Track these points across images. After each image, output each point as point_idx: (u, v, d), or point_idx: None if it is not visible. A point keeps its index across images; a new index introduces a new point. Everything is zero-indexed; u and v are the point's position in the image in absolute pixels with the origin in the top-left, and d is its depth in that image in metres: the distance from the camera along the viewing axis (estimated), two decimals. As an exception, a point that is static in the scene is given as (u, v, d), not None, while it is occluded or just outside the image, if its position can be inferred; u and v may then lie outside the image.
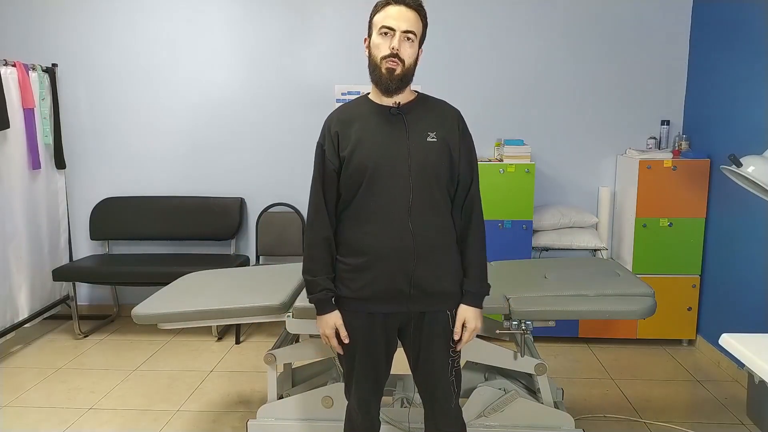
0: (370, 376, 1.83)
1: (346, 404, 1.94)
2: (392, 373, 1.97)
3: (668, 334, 3.71)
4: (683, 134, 3.86)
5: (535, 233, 3.79)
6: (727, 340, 1.49)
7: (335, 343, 1.81)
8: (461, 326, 1.79)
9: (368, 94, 1.80)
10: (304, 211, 3.99)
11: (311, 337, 2.44)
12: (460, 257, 1.81)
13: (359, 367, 1.82)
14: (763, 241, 3.05)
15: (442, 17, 3.93)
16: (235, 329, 3.88)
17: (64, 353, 3.65)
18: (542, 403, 2.37)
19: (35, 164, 3.81)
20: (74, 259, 4.22)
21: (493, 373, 2.52)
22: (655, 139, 3.89)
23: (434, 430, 1.89)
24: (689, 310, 3.66)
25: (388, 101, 1.74)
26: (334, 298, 1.80)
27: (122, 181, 4.22)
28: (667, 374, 3.34)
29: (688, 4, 3.85)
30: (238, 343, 3.81)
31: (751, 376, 2.65)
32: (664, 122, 3.88)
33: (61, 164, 4.07)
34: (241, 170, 4.18)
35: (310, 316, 2.15)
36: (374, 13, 1.71)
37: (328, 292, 1.77)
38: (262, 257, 4.13)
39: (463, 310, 1.79)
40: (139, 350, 3.69)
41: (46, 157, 3.96)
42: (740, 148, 3.18)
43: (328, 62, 4.04)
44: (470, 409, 2.35)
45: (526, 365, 2.33)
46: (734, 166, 2.30)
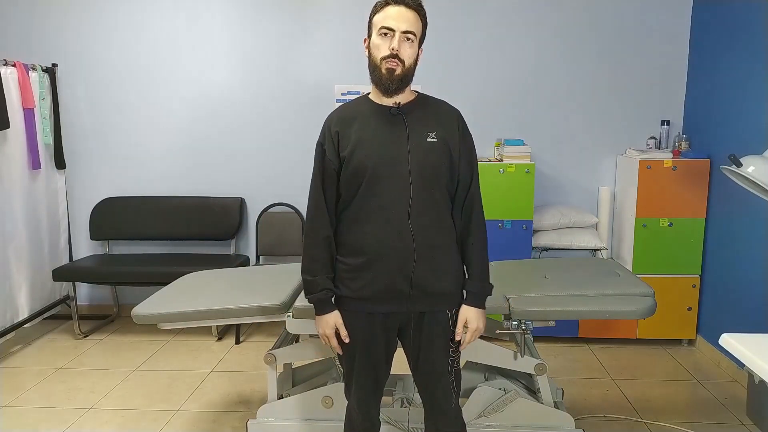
0: (370, 376, 1.83)
1: (346, 404, 1.94)
2: (392, 373, 1.97)
3: (668, 334, 3.71)
4: (683, 134, 3.86)
5: (535, 233, 3.79)
6: (727, 340, 1.49)
7: (335, 343, 1.81)
8: (462, 327, 1.79)
9: (368, 94, 1.80)
10: (304, 211, 3.96)
11: (311, 337, 2.44)
12: (460, 257, 1.81)
13: (359, 367, 1.82)
14: (763, 241, 3.05)
15: (442, 17, 3.93)
16: (235, 329, 3.88)
17: (64, 353, 3.65)
18: (542, 403, 2.37)
19: (35, 164, 3.82)
20: (74, 259, 4.22)
21: (493, 373, 2.52)
22: (655, 139, 3.89)
23: (434, 430, 1.89)
24: (689, 310, 3.66)
25: (388, 101, 1.74)
26: (333, 297, 1.80)
27: (122, 181, 4.22)
28: (667, 374, 3.34)
29: (688, 4, 3.85)
30: (238, 343, 3.81)
31: (751, 376, 2.65)
32: (664, 122, 3.88)
33: (61, 164, 4.07)
34: (241, 170, 4.18)
35: (310, 316, 2.15)
36: (373, 13, 1.71)
37: (328, 291, 1.77)
38: (262, 257, 4.13)
39: (464, 310, 1.79)
40: (139, 350, 3.69)
41: (46, 157, 3.96)
42: (740, 148, 3.18)
43: (328, 62, 4.04)
44: (470, 409, 2.35)
45: (526, 365, 2.33)
46: (734, 166, 2.30)
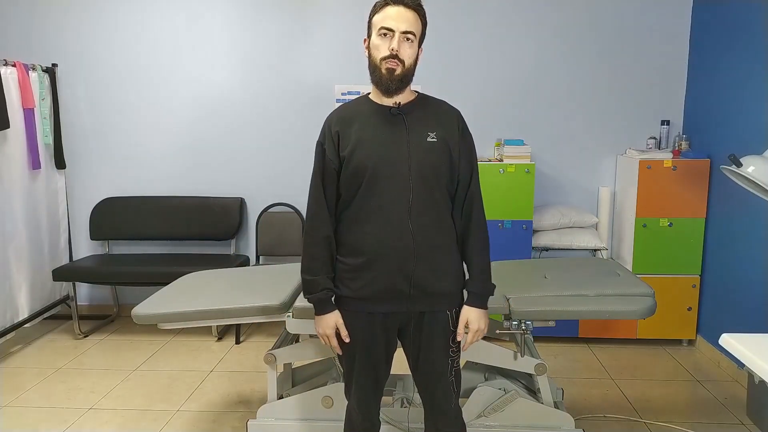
0: (370, 376, 1.83)
1: (346, 404, 1.94)
2: (392, 373, 1.97)
3: (668, 334, 3.71)
4: (683, 134, 3.86)
5: (535, 233, 3.79)
6: (727, 340, 1.49)
7: (335, 343, 1.81)
8: (464, 327, 1.78)
9: (368, 94, 1.80)
10: (304, 211, 3.95)
11: (311, 337, 2.44)
12: (460, 257, 1.81)
13: (359, 367, 1.82)
14: (763, 241, 3.05)
15: (442, 17, 3.93)
16: (235, 329, 3.88)
17: (64, 353, 3.65)
18: (542, 403, 2.37)
19: (35, 164, 3.82)
20: (74, 259, 4.22)
21: (493, 373, 2.52)
22: (655, 139, 3.88)
23: (434, 430, 1.89)
24: (689, 310, 3.66)
25: (388, 101, 1.74)
26: (333, 297, 1.79)
27: (122, 181, 4.22)
28: (667, 374, 3.34)
29: (688, 4, 3.85)
30: (238, 343, 3.81)
31: (751, 376, 2.65)
32: (664, 122, 3.88)
33: (61, 164, 4.07)
34: (241, 170, 4.18)
35: (310, 316, 2.15)
36: (373, 13, 1.70)
37: (328, 291, 1.76)
38: (262, 257, 4.13)
39: (465, 311, 1.78)
40: (139, 350, 3.69)
41: (46, 157, 3.96)
42: (740, 148, 3.18)
43: (327, 62, 4.04)
44: (470, 409, 2.35)
45: (526, 365, 2.33)
46: (734, 166, 2.30)
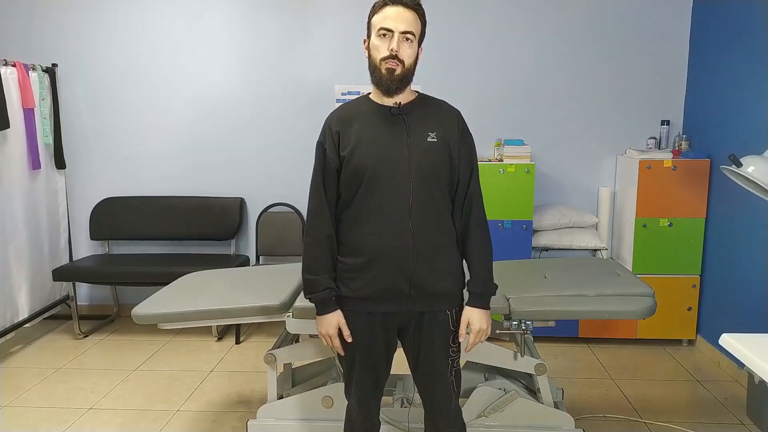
0: (370, 376, 1.83)
1: (346, 404, 1.94)
2: (392, 373, 1.97)
3: (668, 334, 3.71)
4: (683, 134, 3.86)
5: (535, 233, 3.79)
6: (727, 340, 1.49)
7: (338, 343, 1.80)
8: (465, 328, 1.78)
9: (369, 94, 1.80)
10: (304, 211, 3.98)
11: (311, 337, 2.44)
12: (460, 257, 1.81)
13: (359, 367, 1.81)
14: (763, 241, 3.05)
15: (442, 17, 3.93)
16: (235, 329, 3.88)
17: (64, 353, 3.65)
18: (542, 403, 2.37)
19: (35, 164, 3.82)
20: (74, 259, 4.22)
21: (493, 373, 2.52)
22: (655, 139, 3.88)
23: (434, 430, 1.89)
24: (689, 310, 3.66)
25: (388, 101, 1.74)
26: (335, 297, 1.79)
27: (122, 181, 4.22)
28: (667, 374, 3.34)
29: (688, 4, 3.85)
30: (238, 343, 3.81)
31: (751, 376, 2.65)
32: (664, 122, 3.88)
33: (61, 164, 4.07)
34: (241, 170, 4.18)
35: (310, 316, 2.15)
36: (372, 14, 1.70)
37: (330, 291, 1.76)
38: (262, 257, 4.13)
39: (467, 311, 1.78)
40: (139, 350, 3.69)
41: (46, 157, 3.96)
42: (740, 148, 3.18)
43: (327, 62, 4.04)
44: (470, 409, 2.35)
45: (526, 365, 2.33)
46: (734, 166, 2.30)
